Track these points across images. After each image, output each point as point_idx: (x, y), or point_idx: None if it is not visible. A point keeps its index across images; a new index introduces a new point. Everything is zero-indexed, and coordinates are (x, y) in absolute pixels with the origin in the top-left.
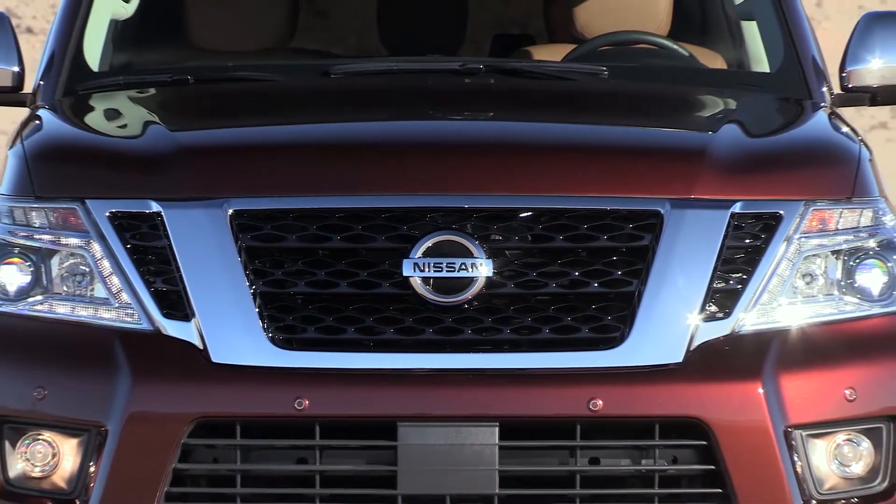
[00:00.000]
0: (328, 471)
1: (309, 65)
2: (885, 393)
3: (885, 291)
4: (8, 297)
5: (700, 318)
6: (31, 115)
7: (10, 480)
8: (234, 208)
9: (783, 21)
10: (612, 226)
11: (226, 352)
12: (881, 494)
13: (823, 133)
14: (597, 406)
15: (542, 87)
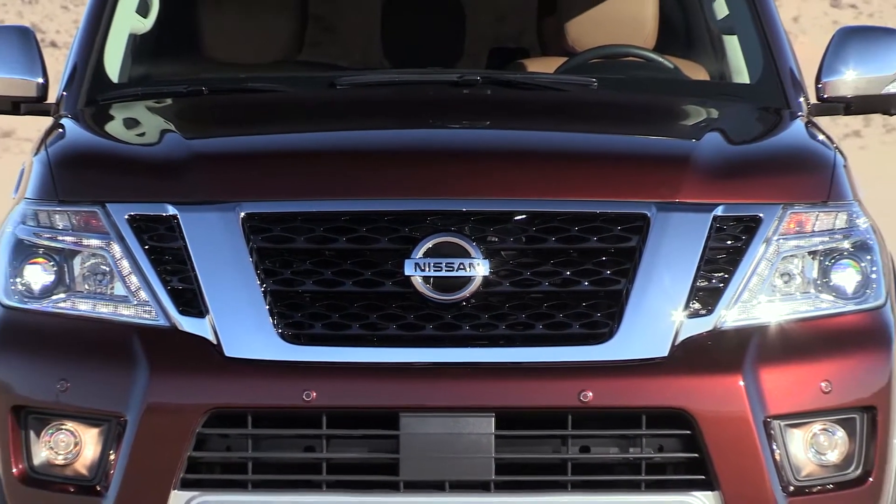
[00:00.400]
0: (334, 458)
1: (316, 77)
2: (859, 385)
3: (859, 290)
4: (32, 295)
5: (684, 315)
6: (54, 123)
7: (35, 468)
8: (245, 211)
9: (762, 35)
10: (602, 228)
11: (238, 346)
12: (855, 481)
13: (800, 141)
14: (587, 397)
15: (536, 97)
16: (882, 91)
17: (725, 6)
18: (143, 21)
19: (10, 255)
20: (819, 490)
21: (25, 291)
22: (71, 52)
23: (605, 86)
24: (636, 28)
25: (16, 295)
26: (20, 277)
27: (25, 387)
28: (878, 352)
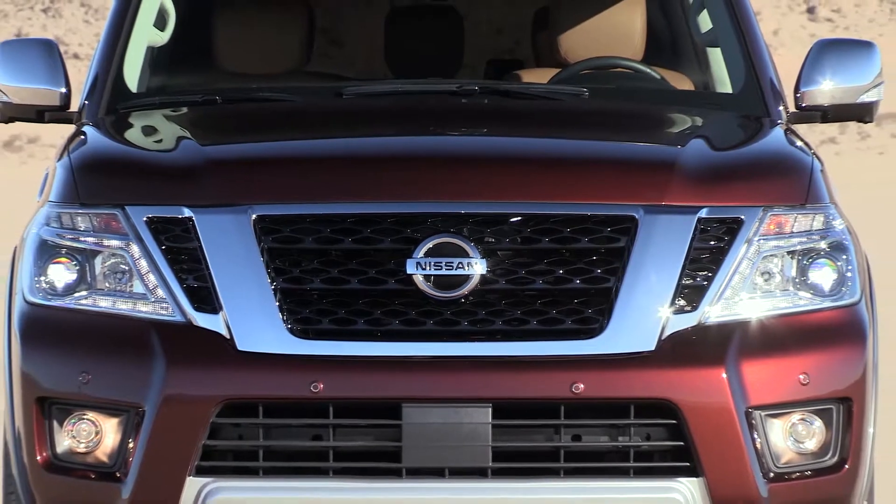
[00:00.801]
0: (340, 446)
1: (324, 87)
2: (835, 378)
3: (835, 287)
4: (56, 292)
5: (670, 311)
6: (76, 130)
7: (58, 455)
8: (257, 213)
9: (744, 47)
10: (592, 229)
11: (250, 341)
12: (832, 468)
13: (780, 147)
14: (579, 389)
15: (530, 106)
16: (857, 100)
17: (709, 20)
18: (160, 34)
19: (34, 255)
20: (798, 476)
21: (49, 289)
22: (92, 64)
23: (595, 95)
24: (625, 41)
25: (40, 292)
26: (44, 276)
27: (49, 379)
28: (853, 346)
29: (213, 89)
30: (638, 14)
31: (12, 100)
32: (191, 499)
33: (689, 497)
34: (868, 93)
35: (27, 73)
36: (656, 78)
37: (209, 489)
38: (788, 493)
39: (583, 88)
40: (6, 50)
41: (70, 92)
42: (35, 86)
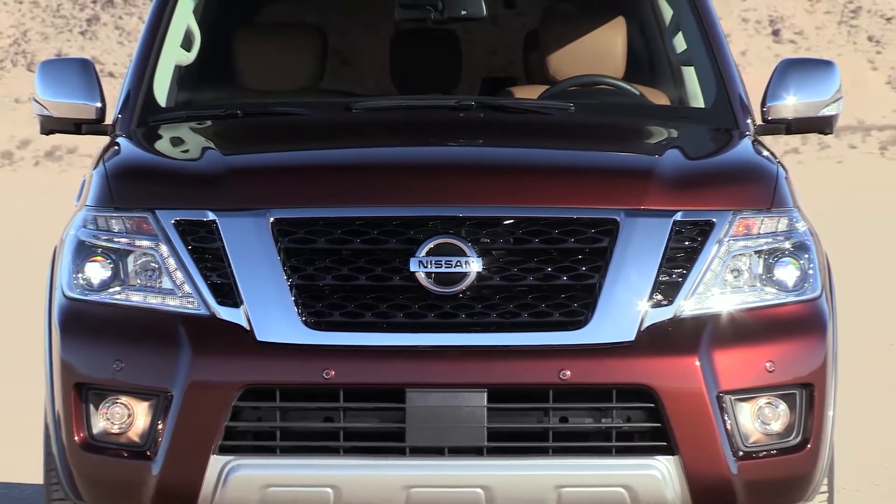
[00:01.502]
0: (350, 427)
1: (335, 102)
2: (799, 365)
3: (798, 283)
4: (92, 288)
5: (648, 305)
6: (111, 141)
7: (94, 436)
8: (274, 217)
9: (715, 66)
10: (578, 231)
11: (268, 332)
12: (795, 447)
13: (748, 156)
14: (566, 375)
15: (522, 119)
16: (818, 114)
17: (684, 41)
18: (186, 54)
19: (72, 254)
20: (764, 455)
21: (86, 285)
22: (125, 81)
23: (580, 110)
24: (607, 60)
25: (77, 288)
26: (81, 273)
27: (86, 367)
28: (815, 337)
29: (234, 104)
30: (619, 36)
31: (52, 114)
32: (214, 475)
33: (665, 474)
34: (828, 107)
35: (66, 90)
36: (636, 94)
37: (231, 466)
38: (756, 470)
39: (569, 103)
40: (47, 68)
41: (105, 106)
42: (73, 101)
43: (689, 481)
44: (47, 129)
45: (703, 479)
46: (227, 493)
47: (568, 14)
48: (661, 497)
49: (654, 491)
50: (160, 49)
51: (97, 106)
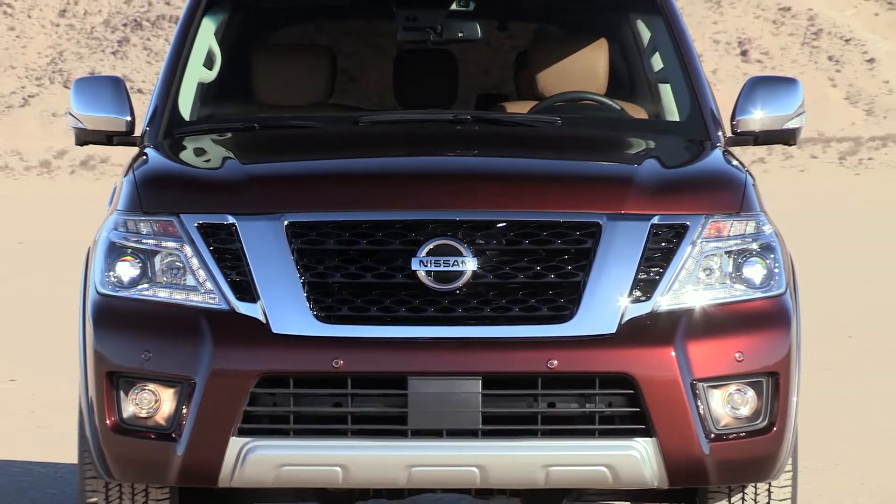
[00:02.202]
0: (357, 412)
1: (343, 116)
2: (765, 356)
3: (765, 281)
4: (122, 285)
5: (628, 301)
6: (139, 152)
7: (124, 420)
8: (288, 220)
9: (689, 84)
10: (564, 233)
11: (282, 325)
12: (762, 430)
13: (718, 165)
14: (553, 365)
15: (513, 132)
16: (783, 127)
17: (660, 61)
18: (208, 73)
19: (104, 254)
20: (734, 437)
21: (117, 282)
22: (152, 97)
23: (566, 123)
24: (591, 78)
25: (109, 285)
26: (112, 272)
27: (117, 356)
28: (780, 329)
29: (251, 118)
30: (601, 56)
31: (86, 127)
32: (233, 456)
33: (644, 454)
34: (791, 121)
35: (99, 105)
36: (616, 109)
37: (249, 447)
38: (727, 450)
39: (556, 117)
40: (81, 85)
41: (134, 120)
42: (105, 115)
43: (665, 461)
44: (82, 140)
45: (678, 459)
46: (245, 471)
47: (555, 36)
48: (640, 475)
49: (634, 470)
50: (184, 68)
51: (127, 119)
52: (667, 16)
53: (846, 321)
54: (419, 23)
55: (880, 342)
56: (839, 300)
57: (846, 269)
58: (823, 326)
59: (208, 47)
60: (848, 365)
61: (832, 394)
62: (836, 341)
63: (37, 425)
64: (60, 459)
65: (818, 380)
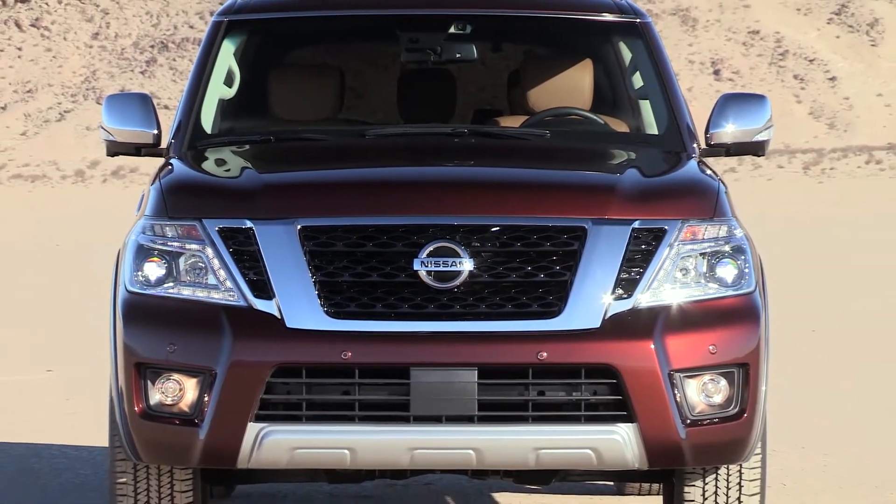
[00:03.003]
0: (363, 399)
1: (351, 129)
2: (736, 348)
3: (736, 280)
4: (150, 284)
5: (612, 298)
6: (165, 162)
7: (151, 406)
8: (301, 224)
9: (667, 100)
10: (553, 236)
11: (296, 320)
12: (734, 416)
13: (694, 174)
14: (543, 356)
15: (506, 144)
16: (752, 139)
17: (641, 79)
18: (228, 90)
19: (133, 256)
20: (708, 423)
21: (144, 281)
22: (177, 112)
23: (555, 136)
24: (577, 95)
25: (137, 284)
26: (140, 271)
27: (144, 349)
28: (750, 324)
29: (267, 131)
30: (587, 75)
31: (116, 139)
32: (251, 439)
33: (625, 438)
34: (760, 134)
35: (128, 119)
36: (601, 123)
37: (265, 432)
38: (701, 435)
39: (545, 131)
40: (112, 101)
41: (160, 133)
42: (134, 128)
43: (645, 444)
44: (112, 151)
45: (657, 443)
46: (262, 454)
47: (544, 57)
48: (622, 458)
49: (616, 453)
50: (206, 85)
51: (154, 133)
52: (646, 38)
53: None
54: (420, 45)
55: (842, 335)
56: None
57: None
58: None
59: (228, 67)
60: (812, 357)
61: (798, 383)
62: (801, 335)
63: (71, 412)
64: (92, 443)
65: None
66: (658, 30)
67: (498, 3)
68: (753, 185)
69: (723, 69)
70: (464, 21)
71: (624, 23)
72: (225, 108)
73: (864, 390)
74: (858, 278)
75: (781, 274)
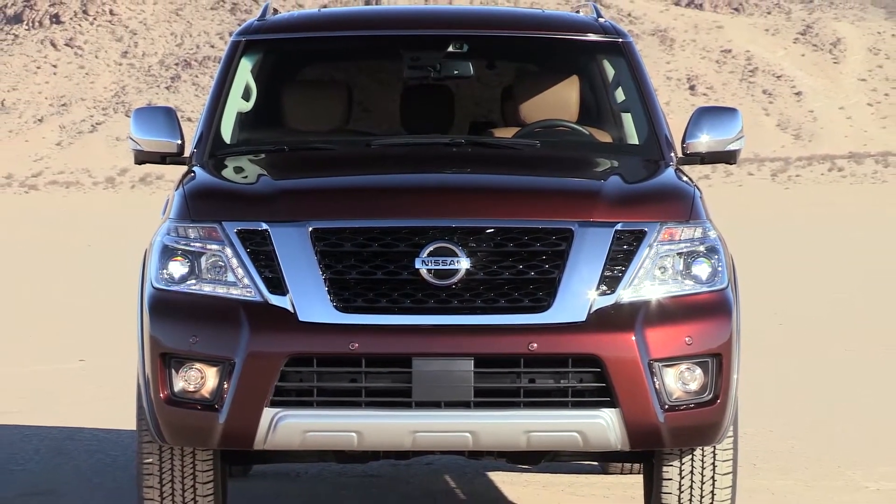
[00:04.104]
0: (369, 387)
1: (358, 139)
2: (710, 340)
3: (710, 277)
4: (174, 281)
5: (596, 294)
6: (188, 170)
7: (175, 393)
8: (312, 227)
9: (646, 113)
10: (543, 237)
11: (307, 314)
12: (708, 402)
13: (671, 181)
14: (533, 347)
15: (500, 153)
16: (725, 149)
17: (623, 94)
18: (246, 104)
19: (159, 255)
20: (685, 408)
21: (169, 279)
22: (199, 124)
23: (544, 146)
24: (564, 108)
25: (162, 281)
26: (165, 270)
27: (169, 340)
28: (722, 318)
29: (281, 141)
30: (573, 90)
31: (144, 148)
32: (266, 423)
33: (609, 422)
34: (732, 144)
35: (154, 130)
36: (586, 134)
37: (279, 416)
38: (678, 419)
39: (535, 141)
40: (139, 114)
41: (184, 143)
42: (159, 139)
43: (627, 428)
44: (140, 160)
45: (638, 426)
46: (276, 436)
47: (534, 73)
48: (606, 440)
49: (601, 435)
50: (226, 100)
51: (178, 143)
52: (628, 57)
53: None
54: (421, 62)
55: (808, 328)
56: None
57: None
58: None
59: (245, 83)
60: (780, 348)
61: (767, 372)
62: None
63: (102, 398)
64: (121, 427)
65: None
66: (638, 49)
67: (492, 25)
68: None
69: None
70: (461, 41)
71: (607, 42)
72: (242, 121)
73: (826, 378)
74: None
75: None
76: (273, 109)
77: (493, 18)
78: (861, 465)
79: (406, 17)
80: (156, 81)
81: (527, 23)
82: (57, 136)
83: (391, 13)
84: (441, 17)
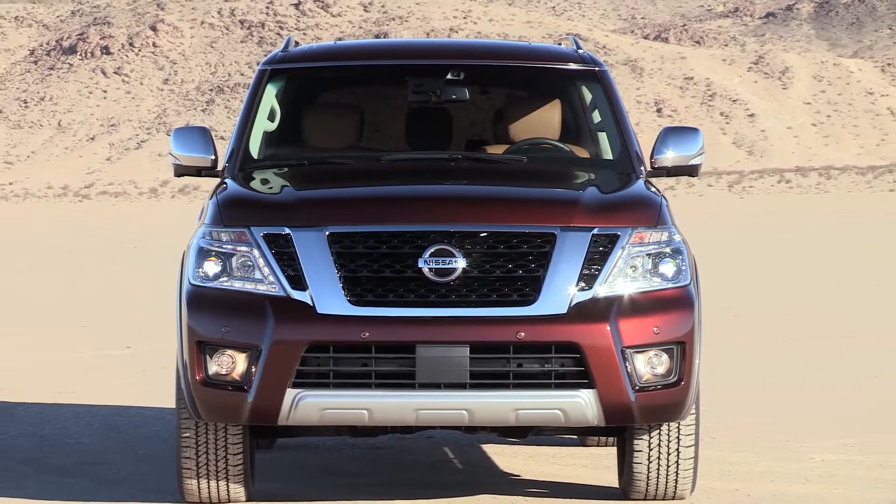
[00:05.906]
0: (378, 370)
1: (369, 155)
2: (675, 329)
3: (675, 276)
4: (208, 278)
5: (576, 289)
6: (220, 181)
7: (209, 376)
8: (329, 231)
9: (619, 132)
10: (529, 240)
11: (325, 307)
12: (673, 384)
13: (641, 191)
14: (521, 335)
15: (492, 167)
16: (688, 163)
17: (599, 115)
18: (271, 124)
19: (195, 256)
20: (653, 389)
21: (204, 276)
22: (230, 141)
23: (530, 161)
24: (548, 128)
25: (198, 278)
26: (201, 268)
27: (204, 330)
28: (686, 311)
29: (302, 157)
30: (556, 112)
31: (182, 163)
32: (289, 402)
33: (587, 401)
34: (694, 159)
35: (191, 147)
36: (567, 150)
37: (300, 396)
38: (647, 398)
39: (523, 157)
40: (179, 133)
41: (217, 158)
42: (196, 154)
43: (602, 406)
44: (179, 173)
45: (612, 405)
46: (297, 413)
47: (522, 98)
48: (584, 417)
49: (580, 412)
50: (254, 121)
51: (212, 158)
52: (603, 83)
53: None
54: (424, 88)
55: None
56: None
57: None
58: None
59: (271, 106)
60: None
61: (724, 357)
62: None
63: (146, 380)
64: (163, 405)
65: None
66: (612, 76)
67: (485, 55)
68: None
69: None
70: (458, 69)
71: (586, 71)
72: (268, 139)
73: (775, 363)
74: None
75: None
76: (295, 129)
77: (486, 50)
78: (807, 439)
79: (411, 49)
80: (193, 105)
81: (515, 54)
82: (107, 153)
83: (398, 45)
84: (441, 48)
